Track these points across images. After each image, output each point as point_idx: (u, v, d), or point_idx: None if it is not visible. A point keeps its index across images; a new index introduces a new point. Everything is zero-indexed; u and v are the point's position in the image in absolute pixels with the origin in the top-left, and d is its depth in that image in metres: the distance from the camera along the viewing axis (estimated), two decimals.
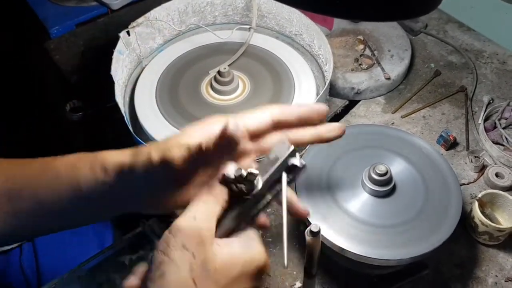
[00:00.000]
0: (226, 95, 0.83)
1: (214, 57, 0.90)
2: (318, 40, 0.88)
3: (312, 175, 0.74)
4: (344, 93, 0.98)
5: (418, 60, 1.05)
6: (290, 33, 0.96)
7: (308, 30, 0.90)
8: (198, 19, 0.96)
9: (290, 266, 0.75)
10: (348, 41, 1.05)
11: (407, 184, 0.72)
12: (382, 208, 0.71)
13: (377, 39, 1.04)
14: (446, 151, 0.88)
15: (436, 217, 0.69)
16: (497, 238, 0.73)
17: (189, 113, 0.82)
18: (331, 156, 0.76)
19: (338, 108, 0.98)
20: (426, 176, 0.73)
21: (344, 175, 0.74)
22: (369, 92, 0.97)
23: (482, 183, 0.83)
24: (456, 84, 0.99)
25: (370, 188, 0.70)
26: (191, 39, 0.94)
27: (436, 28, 1.10)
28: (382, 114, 0.96)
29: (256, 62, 0.90)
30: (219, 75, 0.82)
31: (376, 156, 0.75)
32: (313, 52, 0.92)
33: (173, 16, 0.93)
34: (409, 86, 1.00)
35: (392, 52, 1.01)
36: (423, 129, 0.92)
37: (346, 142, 0.78)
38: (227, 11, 0.97)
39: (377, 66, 0.99)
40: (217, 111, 0.82)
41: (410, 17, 0.43)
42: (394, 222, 0.69)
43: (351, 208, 0.71)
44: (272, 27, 0.97)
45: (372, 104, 0.98)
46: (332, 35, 1.05)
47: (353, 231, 0.68)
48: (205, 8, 0.95)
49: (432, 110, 0.95)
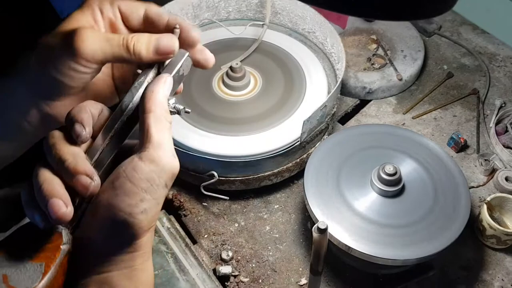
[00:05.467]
0: (238, 91, 0.84)
1: (227, 53, 0.90)
2: (331, 39, 0.88)
3: (322, 173, 0.74)
4: (355, 92, 0.98)
5: (431, 61, 1.04)
6: (303, 30, 0.96)
7: (321, 28, 0.90)
8: (212, 14, 0.96)
9: (296, 262, 0.76)
10: (361, 40, 1.05)
11: (416, 185, 0.72)
12: (390, 208, 0.71)
13: (390, 39, 1.04)
14: (456, 154, 0.88)
15: (443, 219, 0.69)
16: (504, 242, 0.73)
17: (201, 107, 0.82)
18: (341, 154, 0.76)
19: (349, 107, 0.98)
20: (435, 178, 0.73)
21: (353, 174, 0.74)
22: (381, 92, 0.97)
23: (492, 187, 0.83)
24: (468, 86, 0.99)
25: (379, 188, 0.71)
26: (204, 34, 0.94)
27: (450, 30, 1.10)
28: (393, 114, 0.96)
29: (268, 59, 0.90)
30: (231, 70, 0.83)
31: (385, 156, 0.75)
32: (326, 50, 0.92)
33: (187, 11, 0.93)
34: (421, 87, 1.00)
35: (405, 52, 1.01)
36: (434, 130, 0.92)
37: (356, 142, 0.78)
38: (241, 7, 0.97)
39: (390, 66, 0.99)
40: (228, 106, 0.83)
41: (423, 17, 0.43)
42: (402, 223, 0.69)
43: (359, 207, 0.71)
44: (286, 24, 0.97)
45: (383, 104, 0.98)
46: (346, 33, 1.05)
47: (361, 230, 0.69)
48: (219, 3, 0.96)
49: (443, 112, 0.95)
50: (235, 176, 0.77)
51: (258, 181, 0.78)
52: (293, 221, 0.80)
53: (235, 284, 0.73)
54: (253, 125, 0.79)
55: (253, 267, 0.75)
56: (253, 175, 0.77)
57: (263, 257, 0.76)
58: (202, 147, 0.75)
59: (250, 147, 0.75)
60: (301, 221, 0.80)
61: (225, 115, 0.81)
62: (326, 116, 0.79)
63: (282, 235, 0.79)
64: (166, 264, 0.69)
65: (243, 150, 0.75)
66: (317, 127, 0.78)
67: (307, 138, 0.77)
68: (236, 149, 0.75)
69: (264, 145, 0.76)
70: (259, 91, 0.85)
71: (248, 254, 0.76)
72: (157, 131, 0.41)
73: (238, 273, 0.74)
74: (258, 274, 0.74)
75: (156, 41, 0.45)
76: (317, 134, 0.79)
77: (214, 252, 0.76)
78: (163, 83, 0.43)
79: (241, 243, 0.77)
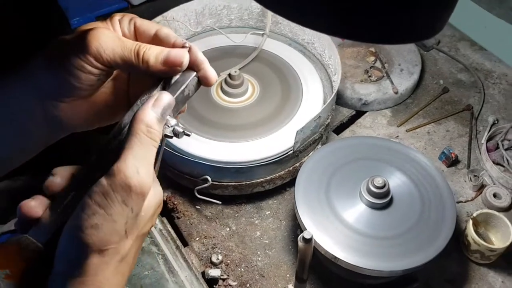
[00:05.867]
0: (235, 98, 0.86)
1: (226, 60, 0.92)
2: (329, 50, 0.89)
3: (313, 182, 0.76)
4: (351, 103, 0.99)
5: (427, 75, 1.06)
6: (302, 41, 0.97)
7: (320, 39, 0.92)
8: (214, 21, 0.98)
9: (284, 268, 0.77)
10: (360, 52, 1.07)
11: (404, 198, 0.74)
12: (378, 220, 0.72)
13: (388, 52, 1.05)
14: (447, 168, 0.89)
15: (429, 232, 0.70)
16: (488, 258, 0.75)
17: (198, 112, 0.84)
18: (333, 165, 0.78)
19: (344, 117, 0.99)
20: (423, 192, 0.75)
21: (343, 185, 0.76)
22: (376, 104, 0.99)
23: (480, 202, 0.85)
24: (463, 102, 1.00)
25: (367, 199, 0.72)
26: (205, 41, 0.96)
27: (448, 45, 1.11)
28: (387, 126, 0.97)
29: (267, 67, 0.92)
30: (229, 77, 0.84)
31: (376, 168, 0.77)
32: (324, 61, 0.94)
33: (190, 17, 0.95)
34: (416, 101, 1.02)
35: (402, 66, 1.02)
36: (427, 144, 0.94)
37: (349, 153, 0.80)
38: (243, 15, 0.99)
39: (386, 79, 1.00)
40: (225, 112, 0.84)
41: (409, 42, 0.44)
42: (389, 234, 0.71)
43: (348, 217, 0.72)
44: (286, 34, 0.99)
45: (379, 116, 0.99)
46: (345, 45, 1.07)
47: (348, 240, 0.70)
48: (221, 11, 0.98)
49: (437, 126, 0.97)
50: (228, 182, 0.79)
51: (251, 187, 0.80)
52: (283, 227, 0.82)
53: (223, 287, 0.75)
54: (248, 132, 0.81)
55: (242, 271, 0.77)
56: (246, 181, 0.79)
57: (252, 262, 0.78)
58: (197, 152, 0.77)
59: (244, 154, 0.77)
60: (291, 228, 0.82)
61: (221, 121, 0.83)
62: (320, 127, 0.80)
63: (272, 241, 0.80)
64: (156, 265, 0.70)
65: (236, 157, 0.77)
66: (310, 137, 0.79)
67: (300, 148, 0.79)
68: (229, 155, 0.77)
69: (258, 153, 0.77)
70: (256, 99, 0.86)
71: (237, 259, 0.78)
72: (130, 147, 0.41)
73: (226, 276, 0.76)
74: (246, 278, 0.76)
75: (167, 52, 0.45)
76: (311, 143, 0.81)
77: (204, 255, 0.78)
78: (155, 101, 0.43)
79: (231, 247, 0.79)
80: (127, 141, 0.42)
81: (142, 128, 0.42)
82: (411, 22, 0.39)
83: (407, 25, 0.40)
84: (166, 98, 0.44)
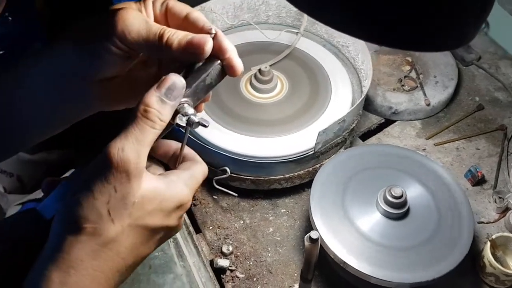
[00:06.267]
0: (263, 93, 0.86)
1: (259, 55, 0.93)
2: (362, 55, 0.89)
3: (330, 185, 0.75)
4: (381, 111, 0.98)
5: (463, 91, 1.03)
6: (337, 43, 0.97)
7: (354, 43, 0.91)
8: (251, 16, 0.99)
9: (292, 267, 0.77)
10: (396, 60, 1.05)
11: (420, 211, 0.73)
12: (392, 230, 0.72)
13: (425, 63, 1.03)
14: (472, 187, 0.87)
15: (443, 248, 0.69)
16: (503, 282, 0.73)
17: (224, 104, 0.85)
18: (352, 169, 0.77)
19: (372, 124, 0.98)
20: (442, 207, 0.73)
21: (360, 191, 0.75)
22: (407, 114, 0.97)
23: (502, 225, 0.82)
24: (497, 121, 0.97)
25: (383, 208, 0.71)
26: (240, 35, 0.97)
27: (489, 62, 1.08)
28: (415, 138, 0.96)
29: (298, 66, 0.92)
30: (259, 73, 0.85)
31: (395, 178, 0.76)
32: (356, 65, 0.93)
33: (228, 10, 0.96)
34: (448, 115, 0.99)
35: (437, 78, 1.00)
36: (454, 160, 0.91)
37: (370, 159, 0.79)
38: (281, 12, 0.99)
39: (419, 90, 0.98)
40: (252, 107, 0.85)
41: (441, 50, 0.43)
42: (401, 246, 0.70)
43: (361, 225, 0.72)
44: (321, 35, 0.99)
45: (408, 126, 0.98)
46: (381, 51, 1.06)
47: (359, 247, 0.70)
48: (260, 6, 0.98)
49: (467, 143, 0.94)
50: (247, 175, 0.79)
51: (268, 183, 0.81)
52: (296, 227, 0.82)
53: (230, 278, 0.76)
54: (271, 128, 0.82)
55: (250, 265, 0.77)
56: (264, 177, 0.79)
57: (262, 257, 0.78)
58: (218, 142, 0.78)
59: (264, 149, 0.78)
60: (305, 229, 0.82)
61: (246, 115, 0.84)
62: (344, 130, 0.80)
63: (283, 239, 0.81)
64: (167, 248, 0.72)
65: (257, 151, 0.77)
66: (333, 140, 0.79)
67: (322, 149, 0.78)
68: (250, 149, 0.77)
69: (278, 150, 0.78)
70: (283, 97, 0.87)
71: (247, 252, 0.78)
72: (125, 127, 0.41)
73: (235, 268, 0.76)
74: (254, 272, 0.76)
75: (190, 37, 0.44)
76: (333, 146, 0.81)
77: (215, 244, 0.79)
78: (160, 82, 0.42)
79: (243, 240, 0.80)
80: (129, 121, 0.42)
81: (140, 108, 0.42)
82: (444, 30, 0.39)
83: (439, 32, 0.39)
84: (171, 79, 0.43)
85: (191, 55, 0.45)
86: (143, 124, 0.42)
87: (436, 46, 0.42)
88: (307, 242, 0.56)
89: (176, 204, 0.45)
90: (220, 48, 0.46)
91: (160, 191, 0.44)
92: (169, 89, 0.43)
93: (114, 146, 0.41)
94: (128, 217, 0.42)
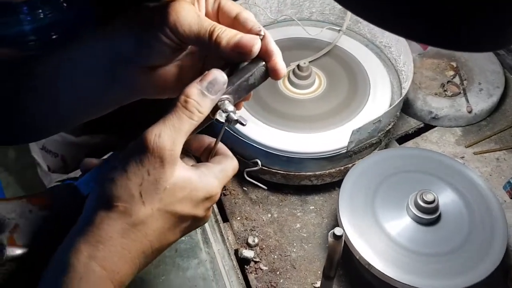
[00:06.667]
0: (300, 89, 0.86)
1: (299, 51, 0.93)
2: (404, 56, 0.87)
3: (360, 186, 0.75)
4: (421, 115, 0.96)
5: (509, 100, 1.00)
6: (380, 43, 0.95)
7: (397, 44, 0.89)
8: (295, 12, 0.99)
9: (317, 264, 0.77)
10: (440, 64, 1.02)
11: (452, 218, 0.71)
12: (421, 235, 0.70)
13: (470, 69, 1.00)
14: (510, 199, 0.84)
15: (473, 258, 0.67)
16: None
17: (260, 97, 0.86)
18: (384, 171, 0.76)
19: (411, 128, 0.96)
20: (475, 216, 0.71)
21: (391, 194, 0.74)
22: (447, 120, 0.95)
23: None
24: None
25: (413, 213, 0.70)
26: (282, 30, 0.97)
27: None
28: (454, 145, 0.93)
29: (338, 64, 0.91)
30: (298, 68, 0.85)
31: (428, 183, 0.74)
32: (398, 67, 0.91)
33: (271, 4, 0.96)
34: (491, 124, 0.96)
35: (482, 85, 0.97)
36: (493, 171, 0.88)
37: (404, 162, 0.78)
38: (324, 9, 0.99)
39: (462, 96, 0.96)
40: (287, 102, 0.85)
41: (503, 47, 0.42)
42: (429, 252, 0.69)
43: (390, 228, 0.71)
44: (364, 34, 0.98)
45: (447, 133, 0.95)
46: (426, 55, 1.03)
47: (385, 250, 0.69)
48: (303, 2, 0.98)
49: (509, 154, 0.91)
50: (277, 169, 0.80)
51: (299, 179, 0.81)
52: (324, 225, 0.82)
53: (254, 269, 0.76)
54: (305, 124, 0.81)
55: (275, 258, 0.77)
56: (295, 172, 0.79)
57: (287, 251, 0.78)
58: (251, 134, 0.78)
59: (296, 145, 0.78)
60: (332, 227, 0.80)
61: (281, 109, 0.84)
62: (379, 131, 0.79)
63: (310, 235, 0.80)
64: (194, 234, 0.73)
65: (289, 146, 0.77)
66: (367, 140, 0.78)
67: (355, 149, 0.78)
68: (282, 143, 0.77)
69: (311, 146, 0.78)
70: (320, 94, 0.86)
71: (273, 245, 0.79)
72: (164, 115, 0.44)
73: (259, 260, 0.77)
74: (278, 266, 0.77)
75: (239, 37, 0.46)
76: (367, 146, 0.80)
77: (242, 235, 0.80)
78: (203, 76, 0.45)
79: (269, 233, 0.80)
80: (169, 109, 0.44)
81: (180, 98, 0.44)
82: (488, 30, 0.38)
83: (484, 32, 0.38)
84: (213, 74, 0.45)
85: (238, 54, 0.46)
86: (182, 113, 0.44)
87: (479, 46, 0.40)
88: (330, 238, 0.56)
89: (205, 195, 0.47)
90: (267, 50, 0.48)
91: (191, 181, 0.45)
92: (210, 83, 0.44)
93: (152, 131, 0.43)
94: (159, 202, 0.44)
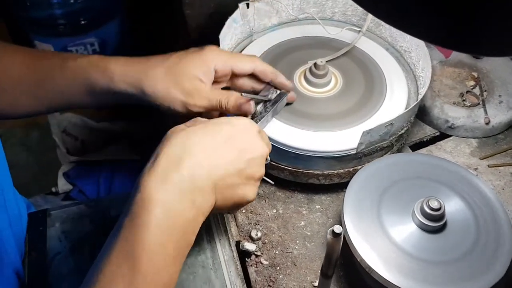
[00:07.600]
0: (315, 87, 0.86)
1: (317, 50, 0.92)
2: (423, 62, 0.86)
3: (367, 189, 0.74)
4: (437, 123, 0.95)
5: None
6: (400, 48, 0.94)
7: (417, 49, 0.88)
8: (317, 11, 0.99)
9: (318, 263, 0.77)
10: (461, 74, 1.01)
11: (458, 228, 0.70)
12: (425, 242, 0.69)
13: (491, 81, 0.99)
14: None
15: (477, 268, 0.66)
16: None
17: None
18: (393, 176, 0.75)
19: (426, 136, 0.95)
20: (482, 228, 0.70)
21: (397, 199, 0.73)
22: (463, 130, 0.93)
23: None
24: None
25: (419, 220, 0.69)
26: (302, 28, 0.97)
27: None
28: (469, 156, 0.92)
29: (356, 65, 0.91)
30: (314, 67, 0.85)
31: (436, 190, 0.73)
32: (416, 72, 0.90)
33: (294, 2, 0.96)
34: (509, 138, 0.94)
35: (502, 98, 0.95)
36: (506, 185, 0.87)
37: (414, 168, 0.77)
38: (347, 10, 0.98)
39: (481, 108, 0.94)
40: (301, 99, 0.85)
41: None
42: (433, 259, 0.68)
43: (394, 233, 0.70)
44: (385, 37, 0.97)
45: (463, 143, 0.94)
46: (447, 63, 1.02)
47: (388, 255, 0.68)
48: (326, 2, 0.98)
49: None
50: (286, 165, 0.79)
51: (306, 177, 0.80)
52: (329, 225, 0.81)
53: (254, 263, 0.76)
54: (317, 122, 0.81)
55: (276, 253, 0.77)
56: (303, 170, 0.79)
57: (289, 248, 0.78)
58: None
59: (306, 142, 0.77)
60: (330, 225, 0.80)
61: (295, 106, 0.83)
62: (391, 135, 0.78)
63: (313, 234, 0.80)
64: None
65: (298, 143, 0.77)
66: (378, 143, 0.77)
67: (365, 150, 0.77)
68: (292, 139, 0.77)
69: (320, 144, 0.77)
70: (335, 93, 0.86)
71: (275, 241, 0.79)
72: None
73: (260, 254, 0.77)
74: (279, 262, 0.77)
75: (240, 105, 0.70)
76: (378, 149, 0.79)
77: (245, 228, 0.80)
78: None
79: (273, 228, 0.80)
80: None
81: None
82: None
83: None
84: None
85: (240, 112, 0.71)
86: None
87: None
88: (329, 236, 0.55)
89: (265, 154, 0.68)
90: (284, 86, 0.80)
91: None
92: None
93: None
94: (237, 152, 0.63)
